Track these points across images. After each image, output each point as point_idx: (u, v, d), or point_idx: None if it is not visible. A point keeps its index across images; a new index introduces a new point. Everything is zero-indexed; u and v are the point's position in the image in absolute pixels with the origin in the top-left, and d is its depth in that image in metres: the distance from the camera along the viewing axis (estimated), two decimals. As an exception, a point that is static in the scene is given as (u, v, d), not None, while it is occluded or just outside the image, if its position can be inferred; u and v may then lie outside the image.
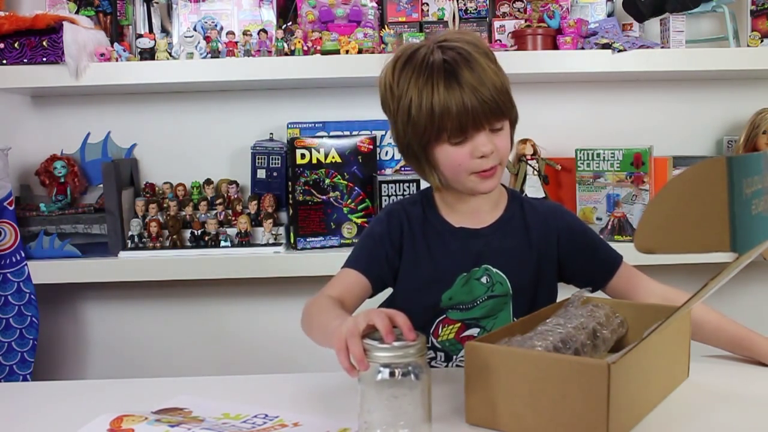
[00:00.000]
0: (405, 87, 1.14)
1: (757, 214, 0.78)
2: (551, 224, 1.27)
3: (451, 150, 1.14)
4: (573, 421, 0.86)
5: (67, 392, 1.16)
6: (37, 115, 2.16)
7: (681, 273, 2.05)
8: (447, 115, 1.11)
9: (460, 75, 1.11)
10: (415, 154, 1.18)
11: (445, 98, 1.11)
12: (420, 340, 0.83)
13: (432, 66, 1.13)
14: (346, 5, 2.00)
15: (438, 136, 1.13)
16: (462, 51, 1.14)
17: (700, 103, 2.19)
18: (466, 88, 1.11)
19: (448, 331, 1.23)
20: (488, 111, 1.12)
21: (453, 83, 1.11)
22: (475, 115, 1.11)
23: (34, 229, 1.97)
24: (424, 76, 1.13)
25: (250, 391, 1.12)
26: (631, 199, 1.91)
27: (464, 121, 1.11)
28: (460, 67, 1.12)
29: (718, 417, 0.97)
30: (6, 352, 1.92)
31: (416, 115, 1.13)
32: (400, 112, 1.16)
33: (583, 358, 0.93)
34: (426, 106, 1.12)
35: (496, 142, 1.15)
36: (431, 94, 1.11)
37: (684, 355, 1.09)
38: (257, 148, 2.07)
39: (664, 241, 0.79)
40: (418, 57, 1.15)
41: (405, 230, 1.24)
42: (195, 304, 2.19)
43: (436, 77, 1.12)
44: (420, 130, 1.14)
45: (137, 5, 2.07)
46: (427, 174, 1.20)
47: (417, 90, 1.13)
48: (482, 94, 1.11)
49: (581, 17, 2.03)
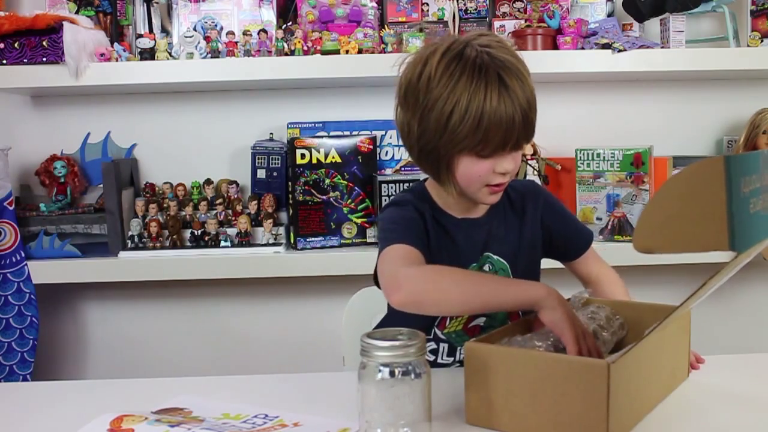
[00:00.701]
0: (451, 87, 1.06)
1: (755, 213, 0.78)
2: (534, 203, 1.28)
3: (476, 162, 1.10)
4: (573, 421, 0.86)
5: (67, 392, 1.16)
6: (37, 115, 2.16)
7: (681, 272, 2.05)
8: (495, 127, 1.05)
9: (510, 86, 1.06)
10: (437, 159, 1.12)
11: (497, 110, 1.05)
12: (420, 340, 0.83)
13: (486, 71, 1.06)
14: (346, 5, 2.00)
15: (473, 148, 1.08)
16: (510, 62, 1.08)
17: (700, 103, 2.19)
18: (516, 102, 1.06)
19: (456, 323, 1.22)
20: (528, 131, 1.09)
21: (505, 94, 1.05)
22: (518, 132, 1.07)
23: (34, 229, 1.97)
24: (477, 81, 1.05)
25: (250, 391, 1.12)
26: (631, 199, 1.91)
27: (509, 137, 1.07)
28: (511, 77, 1.06)
29: (718, 417, 0.96)
30: (6, 352, 1.92)
31: (458, 122, 1.05)
32: (435, 113, 1.07)
33: (583, 358, 0.93)
34: (474, 114, 1.04)
35: (517, 161, 1.13)
36: (483, 102, 1.04)
37: (684, 355, 1.09)
38: (257, 148, 2.07)
39: (663, 240, 0.79)
40: (468, 57, 1.07)
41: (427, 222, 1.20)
42: (195, 304, 2.19)
43: (490, 84, 1.05)
44: (459, 138, 1.07)
45: (137, 5, 2.07)
46: (442, 180, 1.15)
47: (467, 94, 1.05)
48: (527, 112, 1.07)
49: (581, 17, 2.03)
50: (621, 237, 1.92)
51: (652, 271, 2.14)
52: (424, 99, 1.08)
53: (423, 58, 1.10)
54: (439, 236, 1.21)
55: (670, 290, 2.10)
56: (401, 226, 1.16)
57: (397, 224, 1.17)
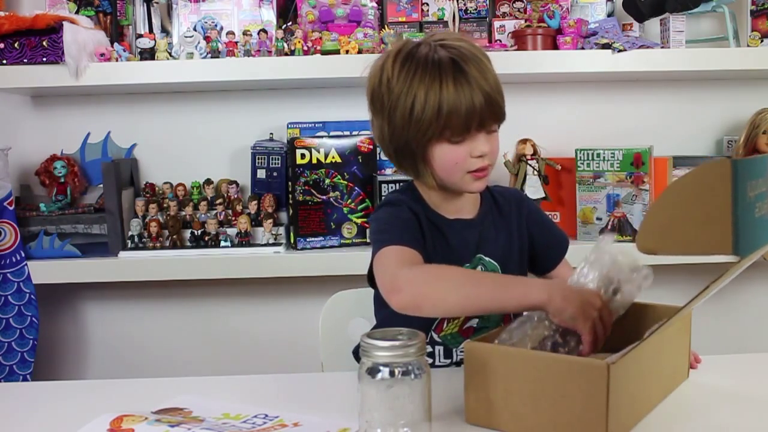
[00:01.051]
0: (408, 84, 1.12)
1: (761, 217, 0.78)
2: (520, 211, 1.30)
3: (449, 149, 1.14)
4: (572, 421, 0.86)
5: (67, 392, 1.16)
6: (37, 115, 2.16)
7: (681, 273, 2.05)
8: (455, 113, 1.10)
9: (468, 72, 1.11)
10: (412, 153, 1.16)
11: (455, 96, 1.10)
12: (420, 339, 0.83)
13: (439, 63, 1.11)
14: (346, 5, 2.00)
15: (440, 135, 1.12)
16: (465, 50, 1.14)
17: (700, 103, 2.19)
18: (475, 86, 1.10)
19: (453, 326, 1.22)
20: (491, 110, 1.13)
21: (462, 80, 1.10)
22: (482, 114, 1.11)
23: (34, 229, 1.97)
24: (431, 74, 1.11)
25: (250, 391, 1.12)
26: (631, 199, 1.91)
27: (470, 120, 1.11)
28: (467, 64, 1.12)
29: (718, 417, 0.96)
30: (6, 352, 1.92)
31: (420, 113, 1.11)
32: (399, 110, 1.13)
33: (582, 358, 0.93)
34: (433, 103, 1.10)
35: (491, 142, 1.16)
36: (439, 91, 1.10)
37: (684, 355, 1.09)
38: (257, 148, 2.07)
39: (667, 242, 0.79)
40: (420, 53, 1.13)
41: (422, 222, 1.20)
42: (195, 304, 2.19)
43: (444, 74, 1.10)
44: (423, 128, 1.12)
45: (137, 5, 2.07)
46: (421, 173, 1.18)
47: (424, 87, 1.11)
48: (488, 93, 1.11)
49: (581, 17, 2.03)
50: (621, 237, 1.92)
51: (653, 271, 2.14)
52: (388, 100, 1.14)
53: (380, 64, 1.17)
54: (434, 236, 1.21)
55: (670, 290, 2.09)
56: (397, 227, 1.17)
57: (393, 224, 1.17)
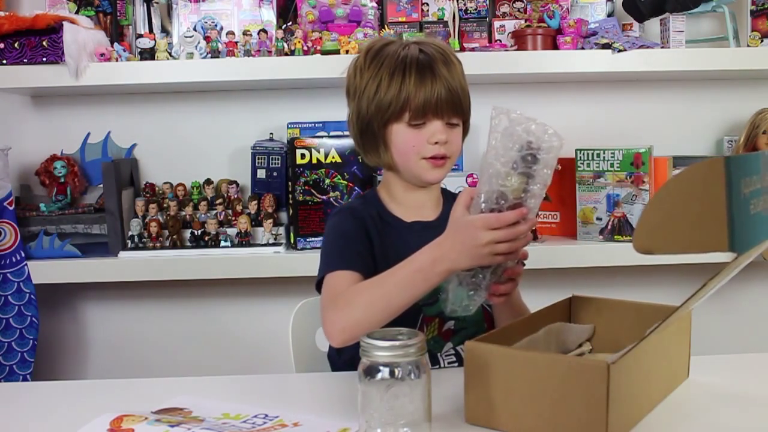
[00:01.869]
0: (376, 70, 1.19)
1: (756, 214, 0.78)
2: None
3: (407, 131, 1.19)
4: (572, 421, 0.86)
5: (67, 392, 1.16)
6: (37, 115, 2.16)
7: (681, 272, 2.05)
8: (414, 97, 1.16)
9: (435, 68, 1.18)
10: (374, 132, 1.21)
11: (416, 83, 1.16)
12: (419, 339, 0.83)
13: (407, 57, 1.19)
14: (346, 5, 2.00)
15: (399, 116, 1.18)
16: (439, 51, 1.21)
17: (700, 103, 2.19)
18: (438, 80, 1.17)
19: (432, 329, 1.23)
20: (452, 103, 1.19)
21: (426, 73, 1.17)
22: (439, 102, 1.17)
23: (34, 229, 1.97)
24: (399, 65, 1.18)
25: (250, 391, 1.12)
26: (631, 199, 1.91)
27: (428, 105, 1.17)
28: (437, 62, 1.19)
29: (718, 417, 0.96)
30: (6, 352, 1.92)
31: (383, 94, 1.18)
32: (366, 92, 1.20)
33: (582, 358, 0.93)
34: (394, 87, 1.17)
35: (450, 135, 1.20)
36: (402, 78, 1.17)
37: (684, 355, 1.09)
38: (257, 148, 2.07)
39: (663, 241, 0.79)
40: (391, 49, 1.21)
41: (369, 228, 1.23)
42: (195, 304, 2.19)
43: (410, 66, 1.17)
44: (384, 107, 1.18)
45: (137, 5, 2.07)
46: (381, 154, 1.23)
47: (389, 73, 1.18)
48: (451, 87, 1.18)
49: (581, 17, 2.03)
50: (621, 237, 1.92)
51: (652, 271, 2.14)
52: (358, 87, 1.22)
53: (356, 58, 1.25)
54: (390, 240, 1.23)
55: (670, 290, 2.11)
56: (339, 246, 1.21)
57: (336, 244, 1.22)
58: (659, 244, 0.79)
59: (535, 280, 1.45)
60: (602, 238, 1.94)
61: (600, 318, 1.14)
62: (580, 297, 1.16)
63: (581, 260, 1.94)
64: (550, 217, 2.08)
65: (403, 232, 1.25)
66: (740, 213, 0.75)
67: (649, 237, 0.79)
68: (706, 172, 0.74)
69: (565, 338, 1.11)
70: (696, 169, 0.75)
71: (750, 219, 0.77)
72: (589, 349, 1.12)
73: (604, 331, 1.13)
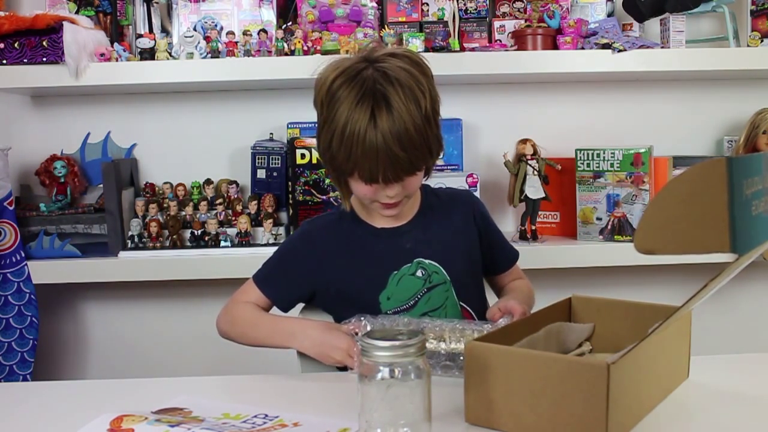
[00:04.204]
0: (338, 107, 1.14)
1: (758, 215, 0.78)
2: (468, 208, 1.35)
3: (360, 185, 1.19)
4: (572, 421, 0.86)
5: (67, 392, 1.16)
6: (37, 115, 2.16)
7: (681, 272, 2.05)
8: (362, 159, 1.13)
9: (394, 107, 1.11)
10: (337, 176, 1.23)
11: (366, 139, 1.11)
12: (419, 339, 0.83)
13: (372, 93, 1.12)
14: (346, 5, 2.00)
15: (351, 174, 1.18)
16: (402, 79, 1.14)
17: (700, 103, 2.19)
18: (386, 134, 1.11)
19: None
20: (402, 168, 1.15)
21: (380, 119, 1.11)
22: (384, 168, 1.13)
23: (34, 229, 1.97)
24: (359, 103, 1.12)
25: (250, 391, 1.12)
26: (631, 199, 1.91)
27: (374, 172, 1.14)
28: (398, 98, 1.12)
29: (718, 417, 0.96)
30: (6, 352, 1.92)
31: (336, 151, 1.15)
32: (323, 135, 1.18)
33: (582, 358, 0.93)
34: (345, 148, 1.13)
35: (405, 185, 1.19)
36: (355, 127, 1.11)
37: (684, 355, 1.09)
38: (257, 148, 2.07)
39: (664, 241, 0.78)
40: (357, 80, 1.14)
41: (320, 248, 1.29)
42: (195, 304, 2.19)
43: (369, 108, 1.11)
44: (337, 165, 1.17)
45: (137, 5, 2.07)
46: (342, 191, 1.26)
47: (345, 116, 1.12)
48: (391, 146, 1.11)
49: (581, 17, 2.03)
50: (621, 237, 1.92)
51: (652, 271, 2.14)
52: (323, 114, 1.18)
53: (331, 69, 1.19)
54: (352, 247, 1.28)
55: (670, 290, 2.11)
56: (274, 265, 1.33)
57: (274, 260, 1.33)
58: (660, 245, 0.78)
59: (535, 280, 1.45)
60: (602, 238, 1.94)
61: (600, 318, 1.14)
62: (580, 297, 1.16)
63: (581, 260, 1.94)
64: (550, 217, 2.08)
65: (370, 239, 1.28)
66: (742, 214, 0.74)
67: (651, 237, 0.79)
68: (707, 173, 0.74)
69: (565, 338, 1.11)
70: (697, 170, 0.75)
71: (751, 220, 0.77)
72: (589, 349, 1.12)
73: (604, 331, 1.13)
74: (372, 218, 1.29)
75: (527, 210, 1.97)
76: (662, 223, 0.78)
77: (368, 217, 1.30)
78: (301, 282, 1.30)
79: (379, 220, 1.29)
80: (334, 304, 1.31)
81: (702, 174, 0.75)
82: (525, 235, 1.96)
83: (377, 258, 1.27)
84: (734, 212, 0.73)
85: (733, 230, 0.73)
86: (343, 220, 1.31)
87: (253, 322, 1.28)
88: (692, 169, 0.76)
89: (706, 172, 0.74)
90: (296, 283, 1.30)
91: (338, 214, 1.33)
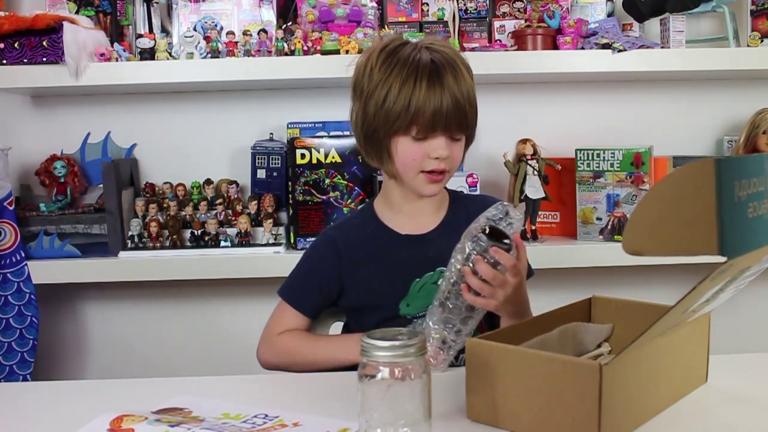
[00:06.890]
0: (387, 75, 1.18)
1: (757, 217, 0.77)
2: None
3: (410, 145, 1.19)
4: (565, 420, 0.86)
5: (67, 392, 1.16)
6: (37, 115, 2.16)
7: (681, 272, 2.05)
8: (422, 111, 1.15)
9: (444, 77, 1.17)
10: (379, 141, 1.21)
11: (425, 96, 1.15)
12: (420, 339, 0.83)
13: (419, 63, 1.17)
14: (346, 5, 2.00)
15: (406, 130, 1.18)
16: (449, 57, 1.20)
17: (700, 103, 2.19)
18: (447, 92, 1.16)
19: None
20: (458, 118, 1.18)
21: (436, 84, 1.16)
22: (447, 118, 1.16)
23: (34, 229, 1.97)
24: (409, 71, 1.17)
25: (250, 391, 1.12)
26: (631, 199, 1.91)
27: (436, 120, 1.16)
28: (445, 70, 1.17)
29: (721, 417, 0.96)
30: (6, 352, 1.92)
31: (391, 104, 1.17)
32: (375, 97, 1.19)
33: (578, 358, 0.93)
34: (404, 98, 1.16)
35: (452, 150, 1.20)
36: (412, 89, 1.16)
37: (701, 359, 1.07)
38: (257, 148, 2.07)
39: (652, 243, 0.78)
40: (404, 52, 1.19)
41: (343, 254, 1.27)
42: (195, 304, 2.19)
43: (421, 75, 1.16)
44: (392, 119, 1.17)
45: (137, 5, 2.07)
46: (384, 161, 1.23)
47: (400, 81, 1.16)
48: (459, 101, 1.17)
49: (581, 17, 2.03)
50: (621, 237, 1.92)
51: (653, 271, 2.14)
52: (367, 88, 1.21)
53: (367, 55, 1.23)
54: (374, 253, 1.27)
55: (670, 290, 2.10)
56: (303, 277, 1.31)
57: (302, 272, 1.32)
58: (648, 246, 0.78)
59: (535, 280, 1.45)
60: (602, 238, 1.94)
61: (620, 319, 1.12)
62: (601, 297, 1.14)
63: (581, 260, 1.94)
64: (550, 217, 2.08)
65: (393, 246, 1.27)
66: (734, 216, 0.73)
67: (638, 238, 0.78)
68: (695, 174, 0.73)
69: (582, 338, 1.10)
70: (685, 171, 0.74)
71: (747, 223, 0.76)
72: (608, 350, 1.10)
73: (624, 333, 1.11)
74: (396, 222, 1.28)
75: (527, 210, 1.97)
76: (650, 224, 0.77)
77: (392, 221, 1.28)
78: (329, 289, 1.30)
79: (404, 225, 1.28)
80: (353, 308, 1.31)
81: (689, 175, 0.74)
82: (525, 235, 1.96)
83: (400, 266, 1.26)
84: (723, 214, 0.72)
85: (722, 232, 0.72)
86: (367, 225, 1.30)
87: (305, 348, 1.27)
88: (679, 171, 0.75)
89: (694, 174, 0.73)
90: (324, 291, 1.30)
91: (361, 218, 1.32)
